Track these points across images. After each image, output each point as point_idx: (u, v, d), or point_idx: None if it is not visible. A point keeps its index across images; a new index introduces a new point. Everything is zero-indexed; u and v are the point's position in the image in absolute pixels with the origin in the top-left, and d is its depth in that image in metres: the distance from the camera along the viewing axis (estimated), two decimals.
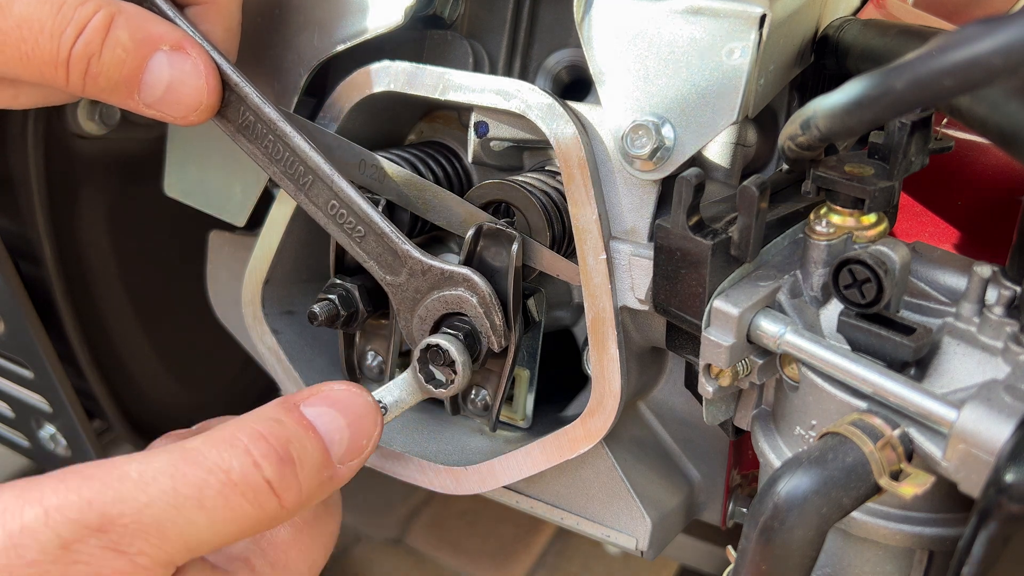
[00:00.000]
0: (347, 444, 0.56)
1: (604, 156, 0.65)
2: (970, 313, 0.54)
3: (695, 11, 0.59)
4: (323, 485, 0.55)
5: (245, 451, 0.51)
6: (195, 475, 0.50)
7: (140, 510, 0.48)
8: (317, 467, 0.54)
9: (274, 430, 0.53)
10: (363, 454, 0.57)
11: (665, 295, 0.62)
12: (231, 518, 0.50)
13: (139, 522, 0.48)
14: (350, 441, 0.57)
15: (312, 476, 0.54)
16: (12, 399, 1.09)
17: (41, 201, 0.95)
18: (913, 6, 0.82)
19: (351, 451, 0.57)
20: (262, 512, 0.51)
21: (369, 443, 0.58)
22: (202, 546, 0.50)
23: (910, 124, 0.59)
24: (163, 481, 0.49)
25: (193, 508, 0.49)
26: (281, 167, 0.67)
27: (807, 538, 0.48)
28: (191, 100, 0.63)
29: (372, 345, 0.80)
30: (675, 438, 0.79)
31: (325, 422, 0.56)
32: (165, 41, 0.61)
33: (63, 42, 0.58)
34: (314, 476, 0.54)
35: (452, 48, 0.73)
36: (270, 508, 0.52)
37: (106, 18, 0.58)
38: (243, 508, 0.51)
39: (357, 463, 0.57)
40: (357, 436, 0.57)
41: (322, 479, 0.55)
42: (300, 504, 0.53)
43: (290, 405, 0.56)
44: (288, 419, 0.54)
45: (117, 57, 0.59)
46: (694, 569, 1.34)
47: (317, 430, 0.55)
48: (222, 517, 0.50)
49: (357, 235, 0.67)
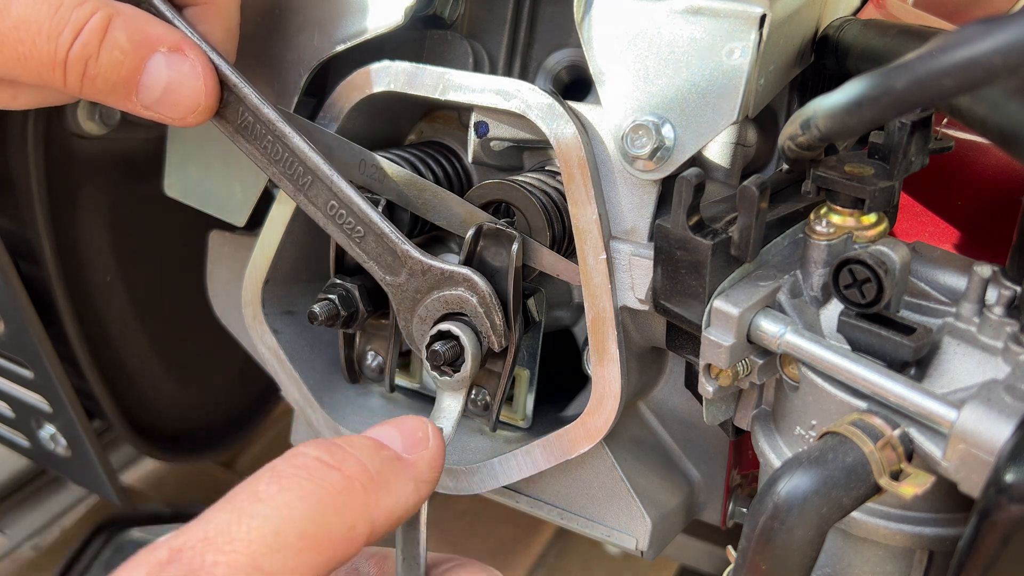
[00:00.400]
0: (399, 438, 0.55)
1: (604, 156, 0.65)
2: (970, 313, 0.54)
3: (695, 11, 0.59)
4: (390, 461, 0.53)
5: (286, 454, 0.51)
6: (242, 487, 0.49)
7: (202, 529, 0.46)
8: (370, 448, 0.53)
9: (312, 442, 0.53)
10: (427, 444, 0.56)
11: (665, 295, 0.62)
12: (297, 496, 0.47)
13: (204, 539, 0.46)
14: (401, 436, 0.56)
15: (368, 453, 0.52)
16: (12, 399, 1.09)
17: (41, 201, 0.96)
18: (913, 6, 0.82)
19: (409, 444, 0.55)
20: (326, 481, 0.49)
21: (423, 432, 0.56)
22: (282, 535, 0.46)
23: (910, 124, 0.59)
24: (220, 506, 0.48)
25: (250, 504, 0.47)
26: (280, 167, 0.67)
27: (807, 538, 0.48)
28: (189, 102, 0.63)
29: (372, 345, 0.80)
30: (675, 438, 0.79)
31: (370, 431, 0.56)
32: (163, 43, 0.61)
33: (60, 44, 0.57)
34: (371, 453, 0.52)
35: (452, 48, 0.73)
36: (333, 478, 0.49)
37: (104, 20, 0.58)
38: (303, 483, 0.48)
39: (427, 453, 0.55)
40: (406, 432, 0.56)
41: (383, 455, 0.53)
42: (371, 477, 0.51)
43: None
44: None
45: (115, 59, 0.59)
46: (694, 569, 1.34)
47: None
48: (284, 500, 0.47)
49: (357, 235, 0.67)
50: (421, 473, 0.55)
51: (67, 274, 1.01)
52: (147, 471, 1.48)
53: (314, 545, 0.47)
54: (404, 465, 0.54)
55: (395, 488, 0.52)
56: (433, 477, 0.56)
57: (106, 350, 1.08)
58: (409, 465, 0.55)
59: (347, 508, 0.49)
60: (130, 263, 1.09)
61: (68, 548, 1.26)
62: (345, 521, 0.49)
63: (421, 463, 0.55)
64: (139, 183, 1.05)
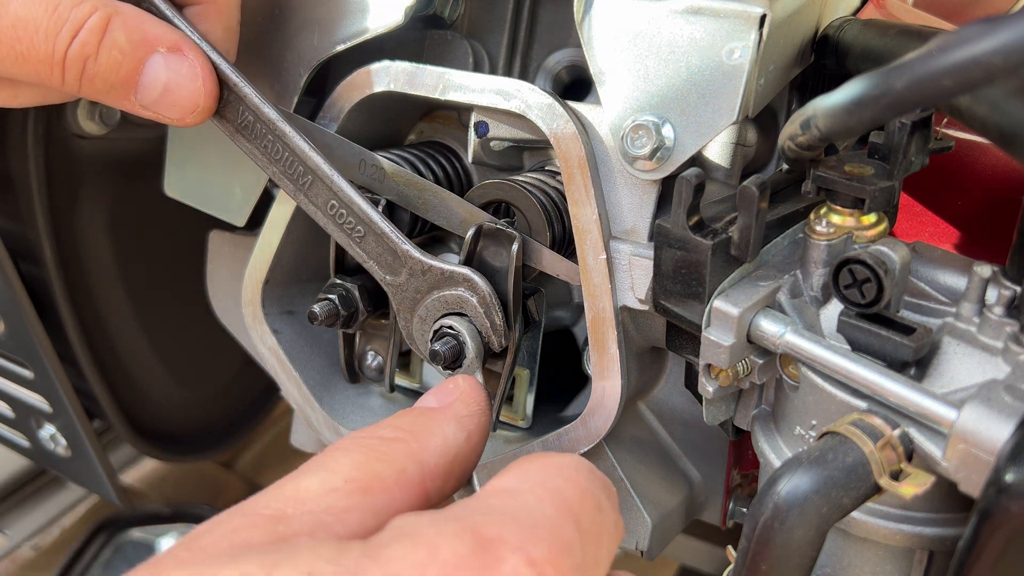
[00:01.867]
0: (431, 398, 0.55)
1: (604, 156, 0.65)
2: (970, 313, 0.54)
3: (695, 11, 0.59)
4: (421, 414, 0.53)
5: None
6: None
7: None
8: (402, 413, 0.53)
9: None
10: (457, 391, 0.55)
11: (665, 295, 0.62)
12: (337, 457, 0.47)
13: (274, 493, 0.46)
14: (433, 396, 0.56)
15: (399, 416, 0.52)
16: (12, 399, 1.09)
17: (41, 201, 0.96)
18: (913, 6, 0.82)
19: (440, 396, 0.55)
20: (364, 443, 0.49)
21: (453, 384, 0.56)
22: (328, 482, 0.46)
23: (910, 124, 0.59)
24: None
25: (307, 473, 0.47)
26: (280, 167, 0.67)
27: (807, 538, 0.48)
28: (188, 102, 0.63)
29: (372, 345, 0.80)
30: (675, 438, 0.79)
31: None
32: (162, 43, 0.61)
33: (59, 43, 0.57)
34: (402, 415, 0.52)
35: (452, 48, 0.73)
36: (370, 441, 0.49)
37: (103, 19, 0.58)
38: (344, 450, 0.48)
39: (462, 393, 0.55)
40: (438, 390, 0.56)
41: (413, 413, 0.53)
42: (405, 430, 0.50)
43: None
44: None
45: (113, 59, 0.59)
46: (694, 569, 1.34)
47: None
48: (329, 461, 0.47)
49: (357, 235, 0.67)
50: (459, 410, 0.54)
51: (67, 274, 1.01)
52: (147, 471, 1.48)
53: (362, 488, 0.46)
54: (440, 411, 0.54)
55: (437, 430, 0.52)
56: (474, 410, 0.55)
57: (106, 350, 1.08)
58: (438, 411, 0.54)
59: (392, 454, 0.49)
60: (130, 263, 1.09)
61: (68, 548, 1.26)
62: (393, 466, 0.48)
63: (457, 403, 0.54)
64: (139, 183, 1.05)
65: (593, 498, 0.47)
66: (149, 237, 1.11)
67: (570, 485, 0.46)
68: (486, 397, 0.57)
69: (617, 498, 0.51)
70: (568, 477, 0.47)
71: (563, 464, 0.48)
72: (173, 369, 1.18)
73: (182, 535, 1.32)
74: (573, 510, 0.45)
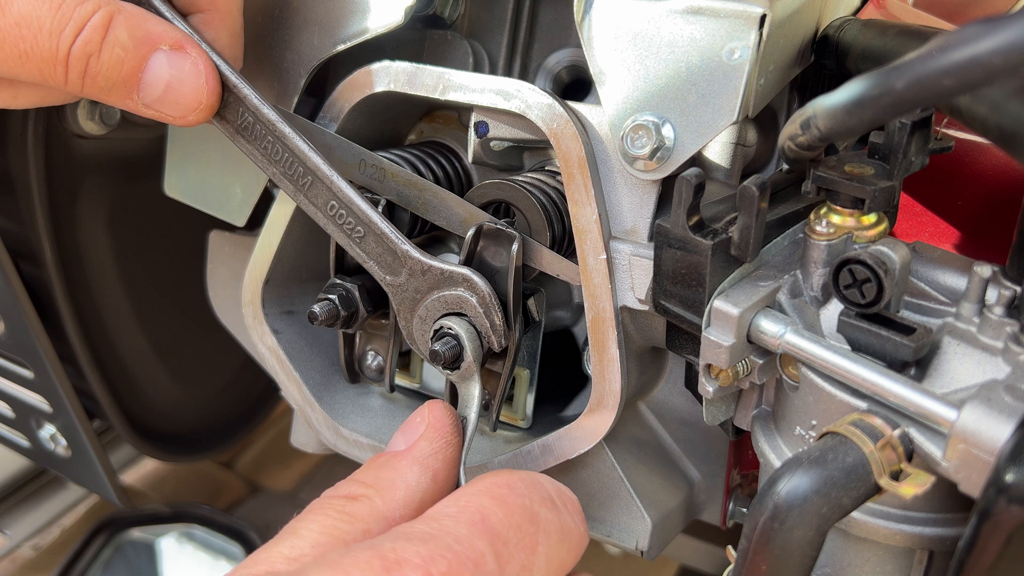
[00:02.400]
0: (400, 438, 0.59)
1: (604, 156, 0.65)
2: (970, 313, 0.54)
3: (695, 11, 0.59)
4: (386, 464, 0.56)
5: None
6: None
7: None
8: (366, 464, 0.57)
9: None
10: (422, 425, 0.59)
11: (665, 295, 0.62)
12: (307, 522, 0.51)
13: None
14: (402, 434, 0.59)
15: (364, 469, 0.56)
16: (12, 399, 1.09)
17: (41, 201, 0.96)
18: (913, 6, 0.82)
19: (407, 435, 0.59)
20: (331, 505, 0.52)
21: (420, 417, 0.60)
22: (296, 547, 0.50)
23: (910, 124, 0.59)
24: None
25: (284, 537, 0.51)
26: (280, 168, 0.67)
27: (807, 538, 0.48)
28: (190, 100, 0.63)
29: (372, 345, 0.80)
30: (675, 438, 0.79)
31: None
32: (164, 40, 0.61)
33: (62, 41, 0.57)
34: (366, 468, 0.56)
35: (452, 48, 0.73)
36: (336, 502, 0.53)
37: (105, 17, 0.58)
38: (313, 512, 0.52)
39: (425, 431, 0.58)
40: (406, 428, 0.59)
41: (377, 464, 0.56)
42: (371, 486, 0.54)
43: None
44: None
45: (116, 56, 0.59)
46: (694, 569, 1.34)
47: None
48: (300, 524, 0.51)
49: (356, 235, 0.67)
50: (423, 451, 0.57)
51: (67, 274, 1.01)
52: (147, 471, 1.48)
53: (325, 549, 0.50)
54: (403, 457, 0.57)
55: (400, 480, 0.55)
56: (438, 446, 0.58)
57: (106, 350, 1.08)
58: (404, 455, 0.57)
59: (357, 514, 0.52)
60: (130, 263, 1.09)
61: (68, 548, 1.26)
62: (358, 526, 0.52)
63: (420, 443, 0.58)
64: (139, 183, 1.05)
65: (523, 511, 0.51)
66: (149, 237, 1.11)
67: (494, 503, 0.50)
68: (454, 423, 0.60)
69: (576, 506, 0.55)
70: (495, 495, 0.51)
71: (496, 483, 0.52)
72: (173, 369, 1.18)
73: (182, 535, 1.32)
74: (490, 525, 0.49)
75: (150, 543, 1.29)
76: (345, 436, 0.81)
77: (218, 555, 1.29)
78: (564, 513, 0.53)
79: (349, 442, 0.81)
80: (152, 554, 1.29)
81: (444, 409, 0.60)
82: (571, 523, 0.53)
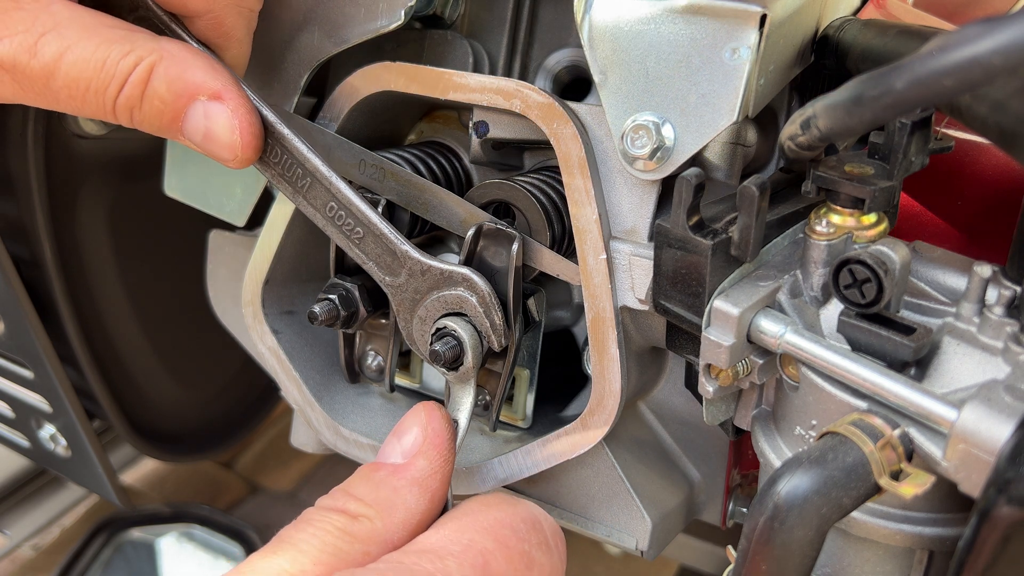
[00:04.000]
0: (397, 447, 0.59)
1: (604, 156, 0.65)
2: (970, 313, 0.54)
3: (695, 11, 0.59)
4: (386, 480, 0.57)
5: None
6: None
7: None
8: (364, 476, 0.57)
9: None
10: (420, 441, 0.59)
11: (665, 295, 0.62)
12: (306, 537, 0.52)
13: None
14: (399, 443, 0.59)
15: (363, 483, 0.56)
16: (12, 399, 1.09)
17: (41, 201, 0.96)
18: (913, 6, 0.82)
19: (406, 450, 0.59)
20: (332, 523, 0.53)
21: (418, 427, 0.60)
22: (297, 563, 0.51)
23: (910, 124, 0.59)
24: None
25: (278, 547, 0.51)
26: (279, 170, 0.67)
27: (807, 538, 0.48)
28: (225, 152, 0.64)
29: (372, 345, 0.80)
30: (675, 438, 0.79)
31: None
32: (203, 91, 0.62)
33: (107, 98, 0.60)
34: (365, 481, 0.56)
35: (452, 48, 0.73)
36: (337, 520, 0.53)
37: (145, 70, 0.60)
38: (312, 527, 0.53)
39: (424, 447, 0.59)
40: (401, 436, 0.60)
41: (377, 479, 0.57)
42: (373, 505, 0.55)
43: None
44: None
45: (155, 108, 0.62)
46: (694, 569, 1.34)
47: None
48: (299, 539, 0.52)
49: (356, 237, 0.67)
50: (422, 471, 0.58)
51: (67, 274, 1.01)
52: (147, 471, 1.48)
53: (330, 572, 0.51)
54: (400, 474, 0.57)
55: (400, 503, 0.56)
56: (437, 465, 0.59)
57: (106, 350, 1.08)
58: (404, 470, 0.58)
59: (358, 535, 0.53)
60: (130, 263, 1.09)
61: (68, 548, 1.26)
62: (359, 547, 0.53)
63: (419, 461, 0.58)
64: (139, 183, 1.05)
65: (522, 557, 0.52)
66: (149, 237, 1.11)
67: (497, 548, 0.52)
68: (451, 435, 0.60)
69: (563, 542, 0.57)
70: (499, 538, 0.52)
71: (500, 523, 0.54)
72: (173, 369, 1.18)
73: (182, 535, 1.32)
74: (491, 571, 0.51)
75: (150, 543, 1.29)
76: (345, 436, 0.81)
77: (218, 555, 1.29)
78: (555, 554, 0.55)
79: (349, 442, 0.81)
80: (152, 554, 1.29)
81: (442, 420, 0.60)
82: (559, 565, 0.56)
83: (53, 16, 0.59)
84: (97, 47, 0.59)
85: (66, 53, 0.58)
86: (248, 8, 0.66)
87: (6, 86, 0.60)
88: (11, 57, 0.58)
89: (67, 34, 0.59)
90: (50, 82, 0.59)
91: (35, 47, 0.58)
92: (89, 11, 0.60)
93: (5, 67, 0.58)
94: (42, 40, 0.58)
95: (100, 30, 0.60)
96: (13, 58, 0.58)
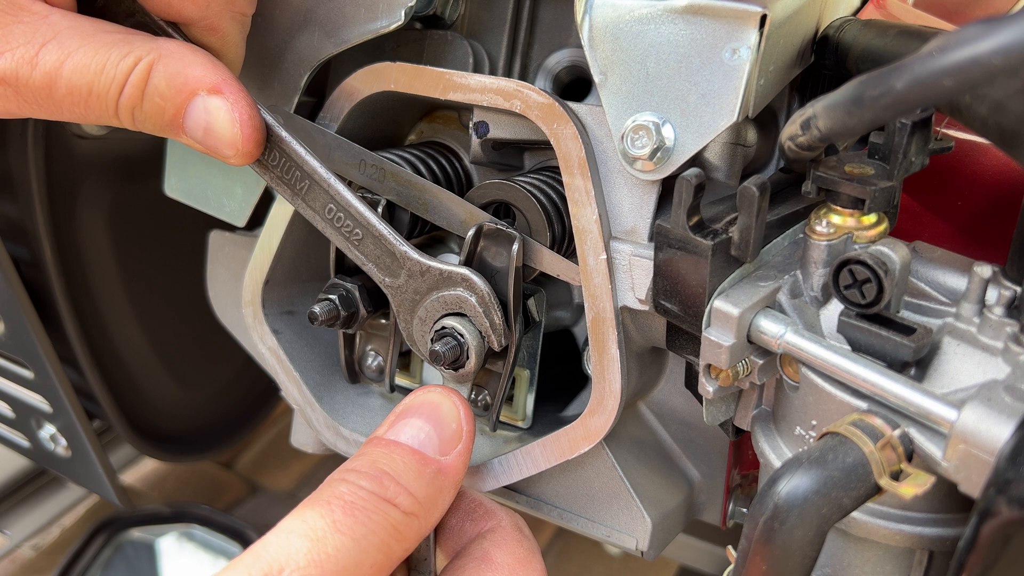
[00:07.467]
0: (436, 438, 0.59)
1: (604, 156, 0.65)
2: (970, 313, 0.54)
3: (695, 11, 0.59)
4: (434, 480, 0.57)
5: (343, 480, 0.55)
6: (316, 510, 0.53)
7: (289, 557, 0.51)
8: (415, 469, 0.57)
9: (360, 461, 0.57)
10: (461, 438, 0.60)
11: (665, 295, 0.62)
12: (365, 532, 0.52)
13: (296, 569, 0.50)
14: (438, 434, 0.60)
15: (415, 477, 0.57)
16: (12, 399, 1.09)
17: (41, 201, 0.96)
18: (913, 6, 0.82)
19: (445, 442, 0.59)
20: (388, 519, 0.54)
21: (457, 424, 0.60)
22: (362, 567, 0.52)
23: (910, 124, 0.59)
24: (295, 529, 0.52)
25: (331, 534, 0.51)
26: (277, 172, 0.67)
27: (807, 538, 0.48)
28: (227, 147, 0.64)
29: (372, 345, 0.80)
30: (675, 438, 0.79)
31: (406, 432, 0.59)
32: (203, 85, 0.62)
33: (109, 101, 0.61)
34: (417, 476, 0.57)
35: (452, 48, 0.73)
36: (394, 515, 0.54)
37: (144, 70, 0.60)
38: (370, 521, 0.53)
39: (462, 447, 0.60)
40: (442, 426, 0.60)
41: (428, 475, 0.57)
42: (423, 505, 0.56)
43: (371, 439, 0.60)
44: (369, 448, 0.58)
45: (156, 105, 0.62)
46: (694, 569, 1.34)
47: (399, 442, 0.59)
48: (359, 533, 0.52)
49: (355, 238, 0.67)
50: (458, 473, 0.60)
51: (67, 274, 1.01)
52: (147, 471, 1.48)
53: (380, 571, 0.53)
54: (445, 476, 0.59)
55: (443, 504, 0.58)
56: (466, 467, 0.60)
57: (106, 350, 1.08)
58: (448, 472, 0.59)
59: (408, 533, 0.55)
60: (130, 263, 1.09)
61: (68, 548, 1.26)
62: (406, 545, 0.55)
63: (457, 462, 0.60)
64: (139, 183, 1.05)
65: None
66: (149, 237, 1.11)
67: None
68: (473, 431, 0.62)
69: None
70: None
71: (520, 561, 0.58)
72: (173, 369, 1.18)
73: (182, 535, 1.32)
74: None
75: (150, 543, 1.29)
76: (345, 436, 0.81)
77: (218, 555, 1.29)
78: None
79: (349, 442, 0.81)
80: (152, 554, 1.29)
81: (472, 416, 0.62)
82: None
83: (52, 27, 0.59)
84: (96, 52, 0.59)
85: (67, 61, 0.59)
86: (241, 13, 0.67)
87: (9, 100, 0.60)
88: (13, 71, 0.58)
89: (67, 43, 0.59)
90: (52, 92, 0.59)
91: (36, 59, 0.58)
92: (88, 19, 0.61)
93: (7, 81, 0.59)
94: (43, 51, 0.58)
95: (99, 36, 0.60)
96: (15, 71, 0.58)
